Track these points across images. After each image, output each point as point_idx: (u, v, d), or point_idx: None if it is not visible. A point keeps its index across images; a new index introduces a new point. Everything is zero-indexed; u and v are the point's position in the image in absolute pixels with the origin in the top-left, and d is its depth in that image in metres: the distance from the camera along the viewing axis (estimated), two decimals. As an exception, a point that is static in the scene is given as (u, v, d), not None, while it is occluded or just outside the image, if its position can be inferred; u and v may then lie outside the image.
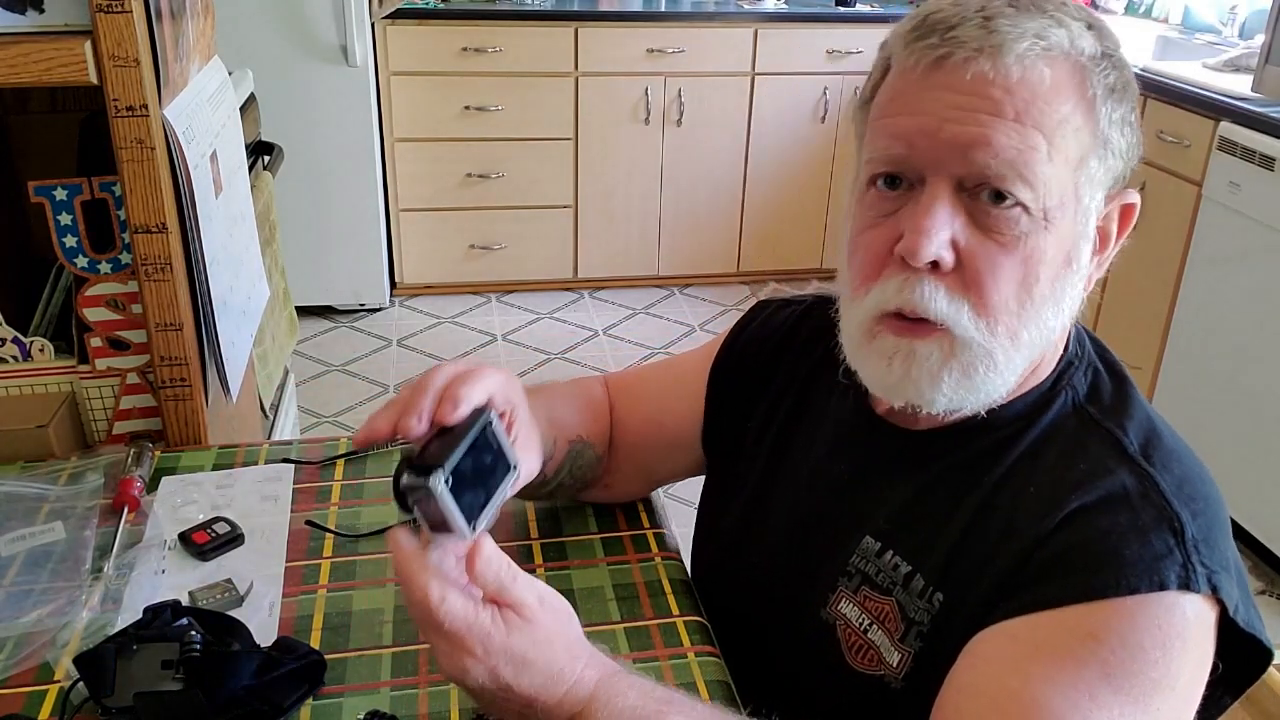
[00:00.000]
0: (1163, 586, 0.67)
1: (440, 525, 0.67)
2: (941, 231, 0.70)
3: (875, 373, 0.76)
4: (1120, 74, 0.73)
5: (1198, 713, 0.71)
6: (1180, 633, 0.67)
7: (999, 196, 0.70)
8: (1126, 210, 0.77)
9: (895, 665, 0.78)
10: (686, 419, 0.99)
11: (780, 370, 0.95)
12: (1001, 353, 0.73)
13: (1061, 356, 0.81)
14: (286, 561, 0.99)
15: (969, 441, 0.79)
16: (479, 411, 0.72)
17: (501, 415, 0.75)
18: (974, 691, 0.69)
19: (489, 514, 0.70)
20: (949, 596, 0.76)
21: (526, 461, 0.80)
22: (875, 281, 0.74)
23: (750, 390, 0.96)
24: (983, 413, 0.77)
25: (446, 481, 0.65)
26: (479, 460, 0.70)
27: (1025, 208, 0.70)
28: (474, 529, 0.67)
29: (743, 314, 1.02)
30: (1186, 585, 0.68)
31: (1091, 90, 0.71)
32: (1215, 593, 0.69)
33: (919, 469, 0.81)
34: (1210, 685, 0.71)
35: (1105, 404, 0.78)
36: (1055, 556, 0.71)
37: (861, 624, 0.81)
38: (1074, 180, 0.72)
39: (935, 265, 0.71)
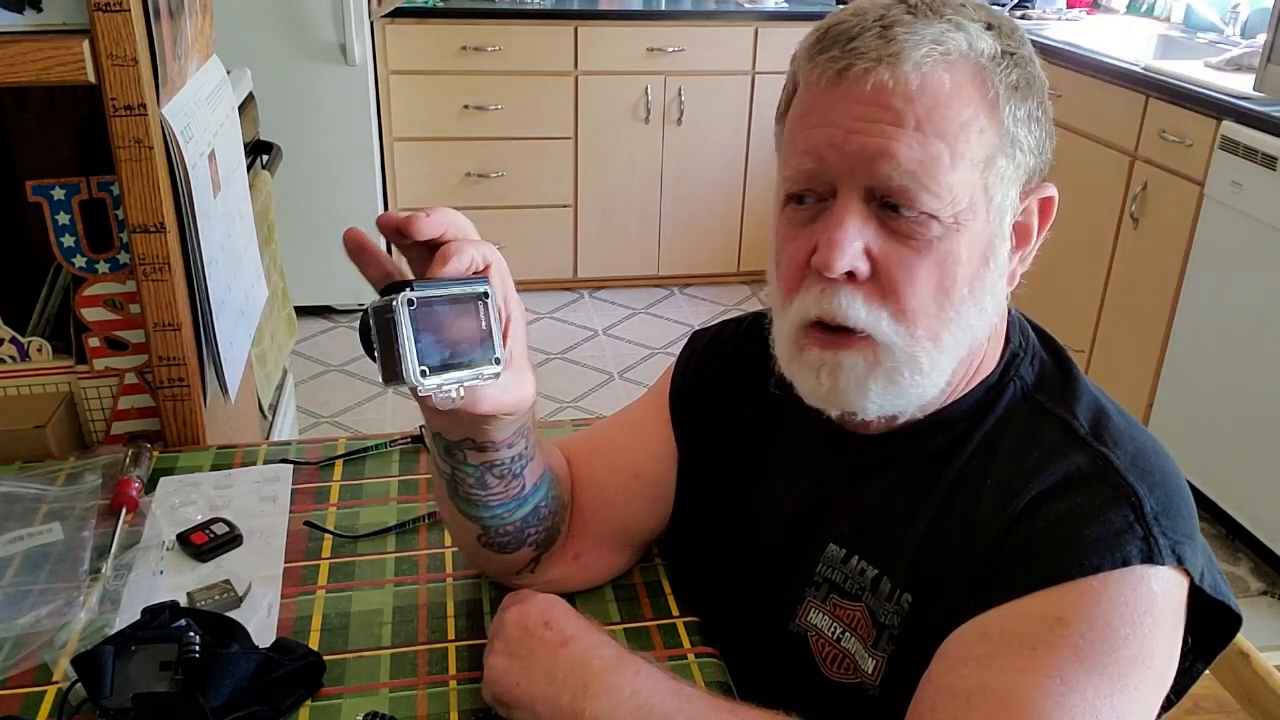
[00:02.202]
0: (1126, 562, 0.68)
1: (393, 365, 0.62)
2: (854, 243, 0.71)
3: (807, 385, 0.77)
4: (1023, 71, 0.74)
5: (1173, 683, 0.71)
6: (1149, 608, 0.68)
7: (907, 206, 0.71)
8: (1046, 204, 0.78)
9: (871, 671, 0.78)
10: (663, 462, 0.94)
11: (736, 390, 0.93)
12: (925, 356, 0.74)
13: (1005, 349, 0.81)
14: (285, 562, 0.98)
15: (924, 441, 0.80)
16: (475, 277, 0.68)
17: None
18: (950, 692, 0.69)
19: (447, 382, 0.65)
20: (917, 597, 0.76)
21: (519, 383, 0.74)
22: (798, 292, 0.75)
23: (711, 415, 0.94)
24: (933, 409, 0.78)
25: (411, 303, 0.61)
26: (459, 322, 0.65)
27: (933, 215, 0.71)
28: (423, 376, 0.63)
29: (683, 346, 1.00)
30: (1150, 558, 0.68)
31: (993, 91, 0.72)
32: (1180, 563, 0.69)
33: (877, 473, 0.81)
34: (1182, 655, 0.72)
35: (1053, 391, 0.79)
36: (1018, 547, 0.71)
37: (833, 633, 0.81)
38: (983, 181, 0.72)
39: (851, 275, 0.72)
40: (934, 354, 0.74)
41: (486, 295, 0.68)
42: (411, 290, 0.63)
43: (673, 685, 0.74)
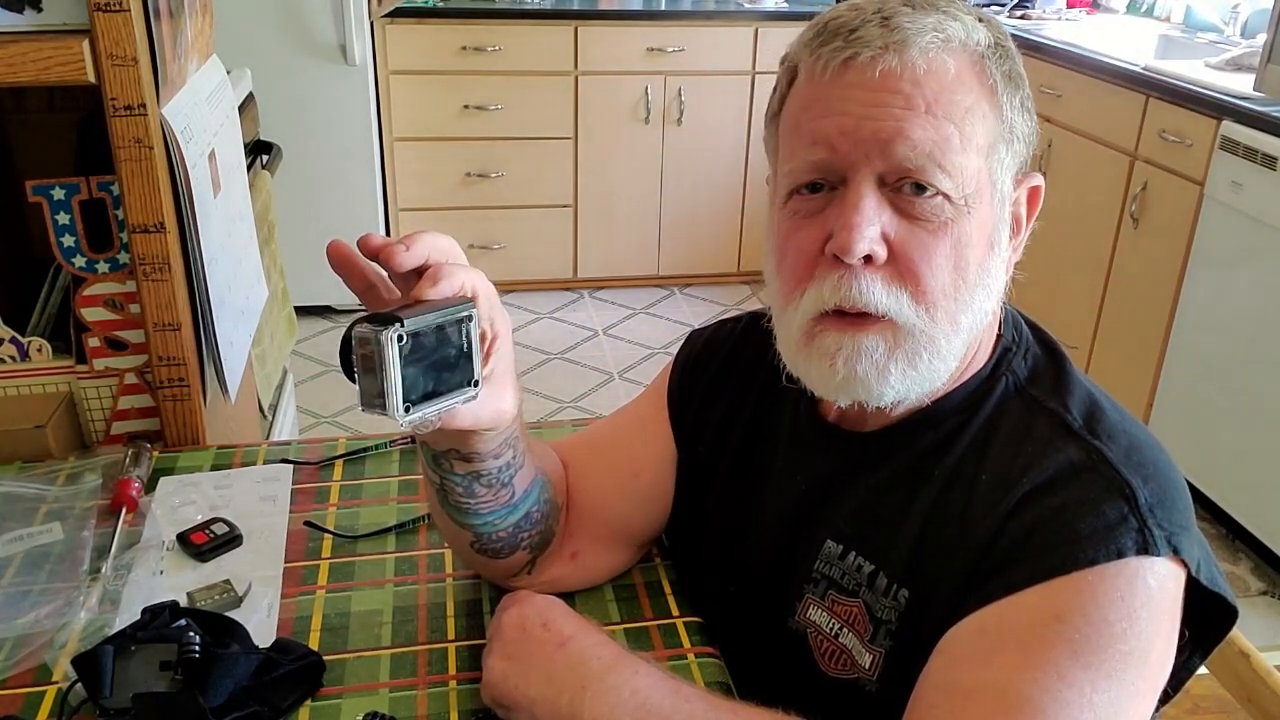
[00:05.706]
0: (1121, 555, 0.68)
1: (374, 396, 0.63)
2: (871, 226, 0.72)
3: (819, 374, 0.76)
4: (1013, 63, 0.76)
5: (1170, 675, 0.71)
6: (1145, 600, 0.67)
7: (920, 188, 0.72)
8: (1033, 193, 0.80)
9: (868, 667, 0.78)
10: (661, 462, 0.94)
11: (733, 389, 0.93)
12: (943, 338, 0.74)
13: (997, 343, 0.82)
14: (285, 562, 0.98)
15: (917, 437, 0.80)
16: (460, 301, 0.68)
17: (481, 333, 0.71)
18: (948, 688, 0.69)
19: (428, 411, 0.65)
20: (914, 593, 0.76)
21: (497, 397, 0.75)
22: (809, 283, 0.75)
23: (709, 414, 0.94)
24: (927, 403, 0.79)
25: (401, 339, 0.62)
26: (442, 348, 0.66)
27: (947, 196, 0.72)
28: (405, 412, 0.63)
29: (680, 346, 0.99)
30: (1146, 550, 0.68)
31: (991, 79, 0.74)
32: (1176, 553, 0.69)
33: (872, 470, 0.82)
34: (1179, 648, 0.71)
35: (1046, 385, 0.79)
36: (1014, 542, 0.71)
37: (832, 629, 0.81)
38: (987, 167, 0.74)
39: (868, 259, 0.72)
40: (950, 336, 0.74)
41: (470, 318, 0.68)
42: (401, 325, 0.62)
43: (672, 685, 0.74)
